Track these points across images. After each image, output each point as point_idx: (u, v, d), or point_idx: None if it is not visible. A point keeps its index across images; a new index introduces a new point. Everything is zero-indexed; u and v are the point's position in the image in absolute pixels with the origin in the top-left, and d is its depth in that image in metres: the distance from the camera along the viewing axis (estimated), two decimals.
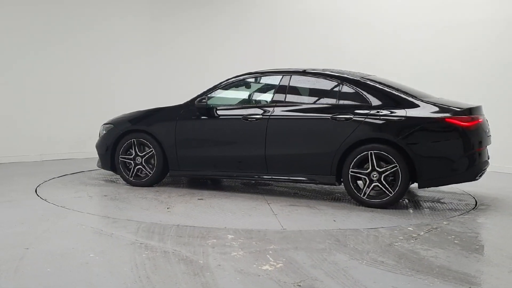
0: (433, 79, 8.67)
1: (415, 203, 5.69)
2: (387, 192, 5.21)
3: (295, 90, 5.96)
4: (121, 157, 6.30)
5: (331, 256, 3.71)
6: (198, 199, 5.67)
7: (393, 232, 4.42)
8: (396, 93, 5.42)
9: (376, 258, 3.67)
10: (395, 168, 5.13)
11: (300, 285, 3.10)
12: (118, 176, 6.67)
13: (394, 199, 5.24)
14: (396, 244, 4.06)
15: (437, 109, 5.23)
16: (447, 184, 5.59)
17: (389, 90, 5.47)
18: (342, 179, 5.47)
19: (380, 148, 5.20)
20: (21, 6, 8.53)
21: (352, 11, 9.48)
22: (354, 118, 5.33)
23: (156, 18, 10.44)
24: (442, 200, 5.90)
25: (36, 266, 3.37)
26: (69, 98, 9.14)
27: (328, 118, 5.44)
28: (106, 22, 9.66)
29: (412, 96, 5.41)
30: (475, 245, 4.17)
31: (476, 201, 5.89)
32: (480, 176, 5.43)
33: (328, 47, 9.54)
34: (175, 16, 10.50)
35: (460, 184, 6.76)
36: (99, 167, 6.76)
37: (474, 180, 5.40)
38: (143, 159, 6.22)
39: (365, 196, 5.31)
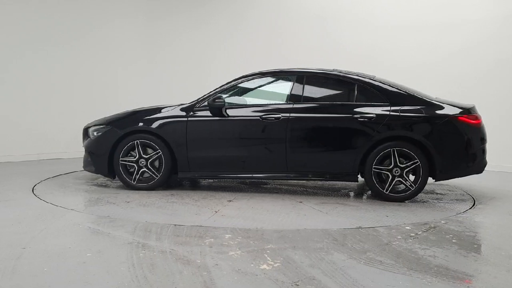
0: (431, 77, 8.69)
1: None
2: (408, 187, 5.59)
3: (311, 90, 5.99)
4: (121, 160, 5.97)
5: (329, 255, 3.70)
6: (228, 200, 5.58)
7: (391, 231, 4.42)
8: (412, 94, 5.74)
9: (374, 258, 3.66)
10: (416, 164, 5.50)
11: (297, 285, 3.10)
12: (101, 177, 6.60)
13: (415, 193, 5.62)
14: (394, 243, 4.05)
15: (448, 108, 5.65)
16: (460, 177, 5.91)
17: (405, 91, 5.77)
18: (362, 175, 5.76)
19: (403, 145, 5.54)
20: (20, 6, 8.50)
21: (351, 10, 9.50)
22: (376, 118, 5.58)
23: (156, 19, 10.43)
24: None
25: (33, 265, 3.36)
26: (66, 98, 9.13)
27: (351, 118, 5.64)
28: (105, 23, 9.65)
29: (424, 97, 5.76)
30: (473, 244, 4.16)
31: (474, 200, 5.90)
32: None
33: (327, 46, 9.56)
34: (175, 17, 10.49)
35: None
36: (90, 171, 6.30)
37: (480, 173, 5.82)
38: (148, 162, 5.94)
39: (388, 191, 5.61)
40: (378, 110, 5.63)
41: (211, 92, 6.07)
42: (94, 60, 9.47)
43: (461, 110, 5.61)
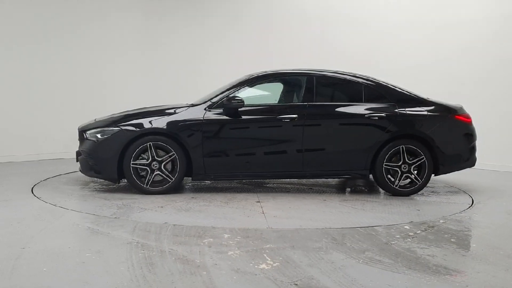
0: (428, 77, 8.69)
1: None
2: (416, 181, 5.94)
3: (322, 90, 6.13)
4: (133, 164, 5.68)
5: (328, 255, 3.71)
6: (256, 201, 5.55)
7: (390, 230, 4.43)
8: (414, 94, 6.15)
9: (373, 257, 3.67)
10: (422, 160, 5.89)
11: (296, 284, 3.10)
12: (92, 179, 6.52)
13: (421, 187, 5.99)
14: (393, 242, 4.06)
15: (445, 108, 6.14)
16: (457, 170, 6.33)
17: (408, 92, 6.15)
18: (373, 172, 5.99)
19: (411, 143, 5.90)
20: (17, 6, 8.49)
21: (347, 10, 9.50)
22: (386, 117, 5.89)
23: (152, 17, 10.42)
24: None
25: (32, 265, 3.36)
26: (66, 98, 9.12)
27: (363, 117, 5.90)
28: (102, 22, 9.64)
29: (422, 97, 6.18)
30: (472, 244, 4.17)
31: (472, 199, 5.91)
32: None
33: (323, 45, 9.56)
34: (171, 15, 10.48)
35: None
36: (92, 176, 6.01)
37: (473, 167, 6.32)
38: (163, 164, 5.69)
39: (397, 186, 5.93)
40: (387, 110, 5.94)
41: (223, 91, 5.98)
42: (93, 59, 9.46)
43: (456, 109, 6.15)
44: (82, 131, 5.99)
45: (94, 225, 4.48)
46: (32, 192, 5.88)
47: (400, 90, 6.14)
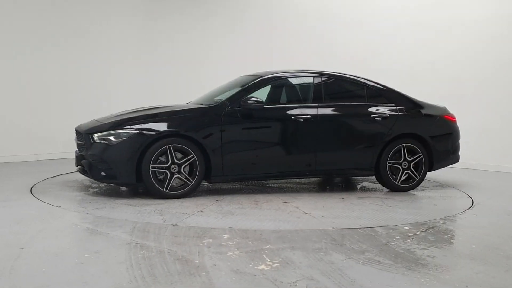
0: (428, 78, 8.68)
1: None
2: (414, 177, 6.25)
3: (329, 91, 6.31)
4: (152, 167, 5.39)
5: (327, 255, 3.70)
6: (284, 202, 5.52)
7: (390, 231, 4.42)
8: (409, 96, 6.46)
9: (373, 258, 3.66)
10: (420, 157, 6.22)
11: (296, 285, 3.10)
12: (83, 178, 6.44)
13: (419, 182, 6.33)
14: (393, 243, 4.06)
15: (436, 108, 6.58)
16: (446, 166, 6.73)
17: (404, 94, 6.45)
18: (376, 169, 6.21)
19: (410, 141, 6.23)
20: (17, 8, 8.49)
21: (346, 11, 9.49)
22: (390, 117, 6.18)
23: (152, 18, 10.40)
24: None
25: (31, 266, 3.36)
26: (64, 97, 9.09)
27: (369, 118, 6.16)
28: (102, 22, 9.62)
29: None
30: (472, 244, 4.17)
31: (472, 200, 5.91)
32: None
33: (322, 46, 9.55)
34: (171, 16, 10.48)
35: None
36: (104, 182, 5.89)
37: (457, 162, 6.79)
38: (182, 167, 5.49)
39: (398, 182, 6.21)
40: (390, 111, 6.23)
41: (238, 91, 5.94)
42: (93, 60, 9.43)
43: (443, 109, 6.61)
44: (88, 134, 5.62)
45: (93, 225, 4.48)
46: (31, 193, 5.86)
47: (398, 91, 6.42)
